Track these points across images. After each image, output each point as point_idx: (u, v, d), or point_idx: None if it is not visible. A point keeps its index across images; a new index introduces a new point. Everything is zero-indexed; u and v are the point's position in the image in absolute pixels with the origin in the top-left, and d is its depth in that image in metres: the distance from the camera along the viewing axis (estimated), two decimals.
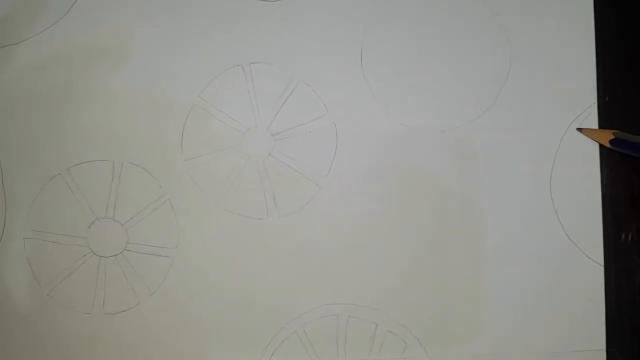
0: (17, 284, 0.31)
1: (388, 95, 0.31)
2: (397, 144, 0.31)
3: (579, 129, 0.30)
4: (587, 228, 0.31)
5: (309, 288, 0.31)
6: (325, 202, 0.31)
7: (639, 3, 0.31)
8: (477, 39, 0.31)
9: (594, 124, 0.31)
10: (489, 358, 0.31)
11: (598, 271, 0.31)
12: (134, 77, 0.31)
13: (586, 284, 0.31)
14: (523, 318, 0.31)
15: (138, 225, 0.31)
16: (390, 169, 0.31)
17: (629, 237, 0.31)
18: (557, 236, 0.31)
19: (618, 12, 0.31)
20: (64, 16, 0.32)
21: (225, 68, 0.31)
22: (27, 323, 0.31)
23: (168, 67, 0.31)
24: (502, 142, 0.31)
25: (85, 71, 0.31)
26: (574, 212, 0.31)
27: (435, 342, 0.31)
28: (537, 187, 0.31)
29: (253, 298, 0.31)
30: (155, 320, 0.31)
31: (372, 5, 0.32)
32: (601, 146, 0.31)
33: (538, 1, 0.31)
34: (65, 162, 0.31)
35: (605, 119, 0.31)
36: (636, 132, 0.30)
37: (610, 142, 0.29)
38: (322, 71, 0.31)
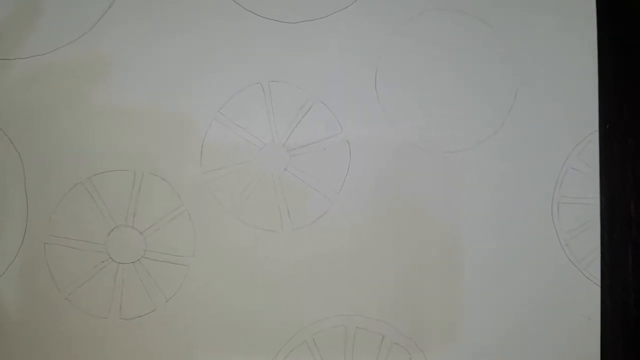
0: (36, 287, 0.32)
1: (400, 117, 0.33)
2: (405, 163, 0.33)
3: None
4: (585, 249, 0.32)
5: (319, 299, 0.32)
6: (337, 217, 0.32)
7: (639, 36, 0.33)
8: (485, 67, 0.33)
9: (595, 150, 0.33)
10: None
11: (595, 291, 0.32)
12: (157, 91, 0.33)
13: (583, 302, 0.32)
14: (522, 334, 0.32)
15: (156, 233, 0.32)
16: (399, 186, 0.33)
17: (625, 259, 0.32)
18: (557, 256, 0.32)
19: (619, 44, 0.33)
20: (90, 30, 0.33)
21: (245, 85, 0.33)
22: (46, 326, 0.32)
23: (191, 82, 0.33)
24: (506, 163, 0.33)
25: (109, 83, 0.33)
26: (574, 234, 0.32)
27: (439, 355, 0.32)
28: (540, 209, 0.32)
29: (265, 307, 0.32)
30: (170, 327, 0.32)
31: (387, 32, 0.33)
32: (601, 172, 0.32)
33: (544, 33, 0.33)
34: (87, 171, 0.32)
35: (606, 145, 0.33)
36: (635, 158, 0.32)
37: None
38: (338, 91, 0.33)
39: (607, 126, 0.33)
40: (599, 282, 0.32)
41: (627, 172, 0.32)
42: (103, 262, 0.32)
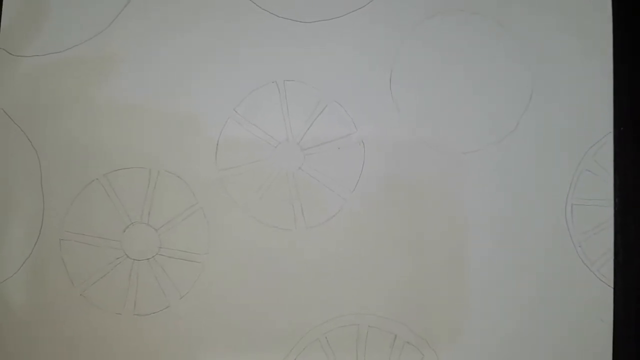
0: (52, 283, 0.32)
1: (415, 117, 0.33)
2: (419, 163, 0.33)
3: None
4: (599, 251, 0.32)
5: (332, 297, 0.32)
6: (351, 216, 0.32)
7: None
8: (500, 68, 0.33)
9: (610, 153, 0.33)
10: None
11: (608, 292, 0.32)
12: (173, 89, 0.33)
13: (595, 304, 0.32)
14: (534, 334, 0.32)
15: (171, 231, 0.32)
16: (412, 186, 0.33)
17: (639, 261, 0.32)
18: (570, 257, 0.32)
19: (635, 46, 0.33)
20: (106, 28, 0.33)
21: (260, 84, 0.33)
22: (60, 321, 0.32)
23: (206, 80, 0.33)
24: (520, 165, 0.33)
25: (125, 81, 0.33)
26: (587, 235, 0.32)
27: (452, 355, 0.32)
28: (553, 210, 0.32)
29: (278, 305, 0.32)
30: (184, 323, 0.32)
31: (402, 32, 0.33)
32: (615, 173, 0.32)
33: (559, 34, 0.33)
34: (103, 168, 0.32)
35: (620, 147, 0.32)
36: None
37: None
38: (353, 91, 0.33)
39: (622, 128, 0.33)
40: (612, 284, 0.32)
41: None
42: (118, 258, 0.32)
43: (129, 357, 0.32)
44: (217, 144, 0.33)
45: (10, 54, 0.33)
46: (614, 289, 0.32)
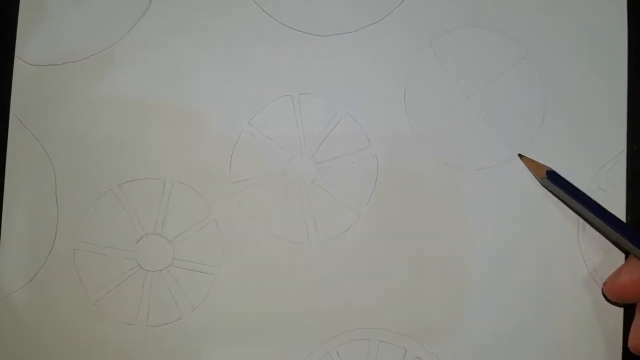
0: (65, 293, 0.32)
1: (428, 132, 0.33)
2: (432, 179, 0.33)
3: (520, 155, 0.32)
4: (610, 270, 0.32)
5: (343, 311, 0.32)
6: (364, 231, 0.33)
7: None
8: (515, 85, 0.33)
9: (622, 171, 0.33)
10: None
11: (618, 313, 0.32)
12: (188, 102, 0.33)
13: (606, 324, 0.32)
14: (544, 353, 0.32)
15: (184, 242, 0.32)
16: (425, 201, 0.33)
17: None
18: (582, 276, 0.32)
19: None
20: (122, 38, 0.33)
21: (275, 97, 0.33)
22: (73, 331, 0.32)
23: (221, 93, 0.33)
24: (533, 182, 0.33)
25: (140, 93, 0.33)
26: (600, 256, 0.32)
27: None
28: (565, 229, 0.32)
29: (289, 318, 0.32)
30: (196, 335, 0.32)
31: (417, 47, 0.33)
32: (628, 192, 0.32)
33: (576, 54, 0.33)
34: (117, 179, 0.33)
35: (633, 166, 0.33)
36: None
37: (547, 173, 0.31)
38: (367, 105, 0.33)
39: (635, 147, 0.33)
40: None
41: None
42: (132, 269, 0.32)
43: None
44: (231, 156, 0.33)
45: (26, 62, 0.33)
46: (624, 309, 0.32)
